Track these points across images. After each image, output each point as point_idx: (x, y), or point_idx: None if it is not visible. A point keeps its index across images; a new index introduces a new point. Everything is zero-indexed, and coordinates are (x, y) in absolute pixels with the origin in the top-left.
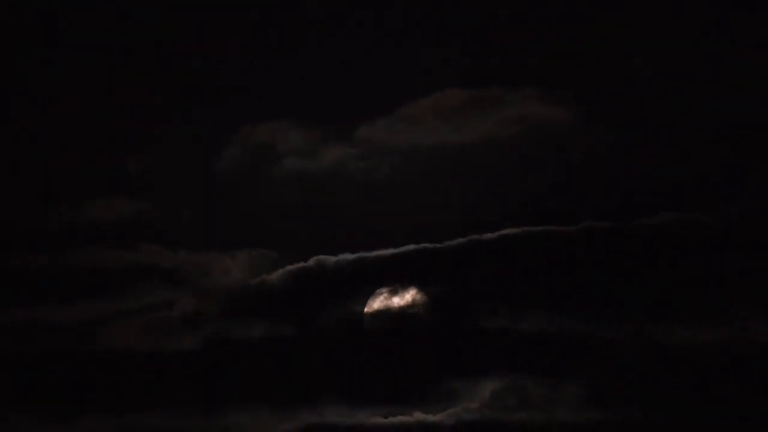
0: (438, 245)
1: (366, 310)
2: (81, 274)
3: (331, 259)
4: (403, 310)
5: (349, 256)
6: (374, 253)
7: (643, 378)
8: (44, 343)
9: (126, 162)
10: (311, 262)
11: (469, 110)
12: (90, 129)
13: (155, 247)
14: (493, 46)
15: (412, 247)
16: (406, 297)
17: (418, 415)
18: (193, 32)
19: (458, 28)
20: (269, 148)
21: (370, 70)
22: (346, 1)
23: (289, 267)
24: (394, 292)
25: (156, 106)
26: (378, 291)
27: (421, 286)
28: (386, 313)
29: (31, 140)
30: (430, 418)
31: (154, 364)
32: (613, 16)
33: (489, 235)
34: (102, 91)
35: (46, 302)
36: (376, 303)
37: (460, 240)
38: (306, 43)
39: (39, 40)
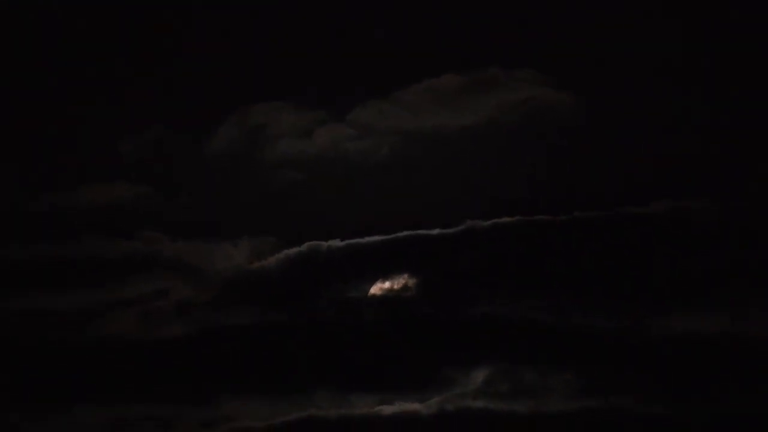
0: (431, 232)
1: (359, 296)
2: (77, 263)
3: (325, 244)
4: (396, 297)
5: (343, 242)
6: (367, 239)
7: (637, 368)
8: (39, 333)
9: (120, 146)
10: (305, 247)
11: (464, 94)
12: (83, 112)
13: (151, 233)
14: (491, 27)
15: (406, 233)
16: (400, 284)
17: (410, 405)
18: (189, 14)
19: (455, 10)
20: (264, 130)
21: (367, 51)
22: None
23: (285, 253)
24: (387, 279)
25: (149, 88)
26: (371, 278)
27: (414, 273)
28: (379, 300)
29: (22, 126)
30: (419, 407)
31: (148, 353)
32: None
33: (483, 224)
34: (95, 75)
35: (42, 291)
36: (370, 290)
37: (454, 228)
38: (301, 24)
39: (31, 23)
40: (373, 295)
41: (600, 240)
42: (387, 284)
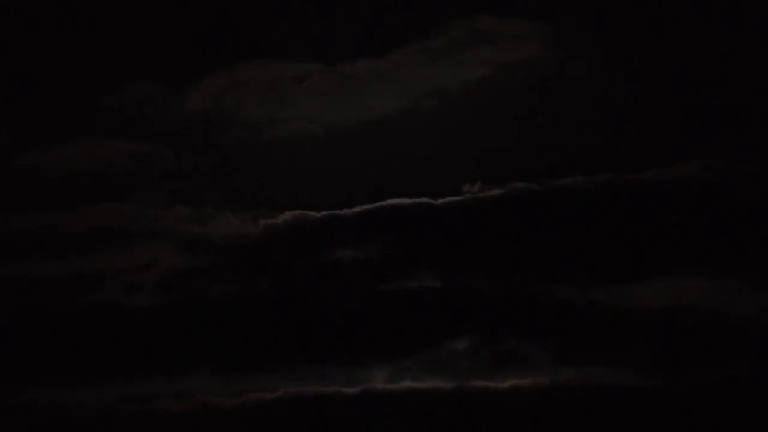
0: (412, 201)
1: (339, 267)
2: (66, 230)
3: (306, 214)
4: (376, 267)
5: (322, 213)
6: (347, 211)
7: (618, 339)
8: (19, 302)
9: (100, 101)
10: (287, 215)
11: (456, 50)
12: (67, 66)
13: (142, 196)
14: None
15: (386, 203)
16: (379, 254)
17: (385, 380)
18: None
19: None
20: (253, 86)
21: (359, 10)
22: None
23: (267, 221)
24: (367, 249)
25: (131, 47)
26: (351, 248)
27: (394, 243)
28: (361, 269)
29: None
30: (396, 380)
31: (124, 323)
32: None
33: (465, 195)
34: (81, 31)
35: (27, 260)
36: (349, 260)
37: (437, 198)
38: None
39: None
40: (353, 265)
41: (586, 209)
42: (367, 254)
